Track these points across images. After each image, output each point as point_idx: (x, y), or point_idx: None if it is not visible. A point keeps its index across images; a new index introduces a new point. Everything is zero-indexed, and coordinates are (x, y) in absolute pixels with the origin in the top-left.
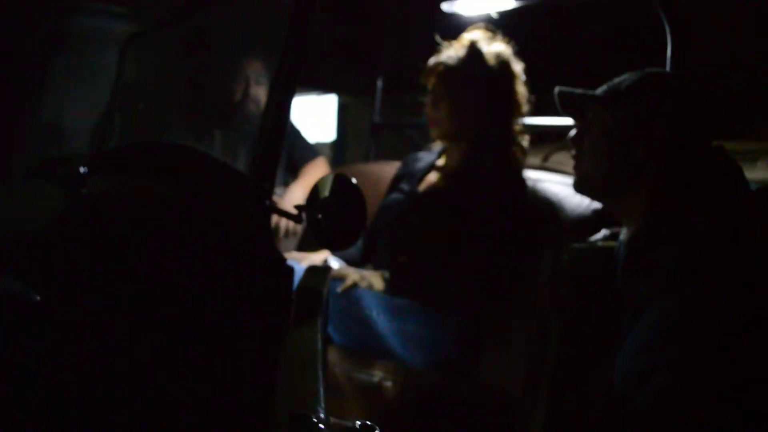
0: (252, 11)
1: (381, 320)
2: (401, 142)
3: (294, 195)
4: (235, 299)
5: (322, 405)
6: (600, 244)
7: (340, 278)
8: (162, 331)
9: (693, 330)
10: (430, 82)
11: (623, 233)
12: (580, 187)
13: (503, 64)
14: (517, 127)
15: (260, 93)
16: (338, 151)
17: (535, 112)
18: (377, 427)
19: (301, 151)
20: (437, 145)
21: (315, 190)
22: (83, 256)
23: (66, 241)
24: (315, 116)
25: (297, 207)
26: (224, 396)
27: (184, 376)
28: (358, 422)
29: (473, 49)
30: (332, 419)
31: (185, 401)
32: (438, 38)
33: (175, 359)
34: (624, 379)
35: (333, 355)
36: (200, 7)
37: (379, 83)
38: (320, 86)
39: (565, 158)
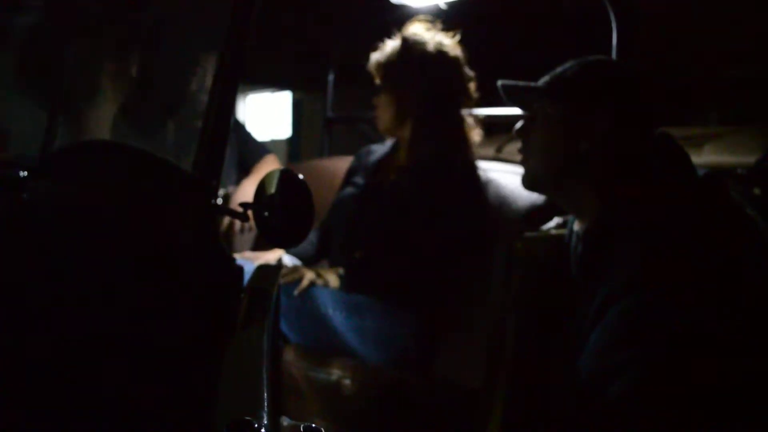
0: (199, 4)
1: (337, 317)
2: (355, 136)
3: (246, 192)
4: (177, 300)
5: (266, 409)
6: (553, 232)
7: (297, 279)
8: (101, 335)
9: (659, 325)
10: (375, 79)
11: (575, 224)
12: (528, 183)
13: (440, 53)
14: (465, 116)
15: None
16: (294, 148)
17: (487, 103)
18: (322, 429)
19: (252, 151)
20: (391, 138)
21: (261, 187)
22: (22, 263)
23: (4, 248)
24: (270, 114)
25: (242, 204)
26: (162, 401)
27: (121, 380)
28: (303, 425)
29: (404, 42)
30: (284, 420)
31: (121, 406)
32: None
33: (113, 363)
34: (592, 375)
35: (289, 355)
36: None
37: (331, 77)
38: (274, 83)
39: (518, 148)
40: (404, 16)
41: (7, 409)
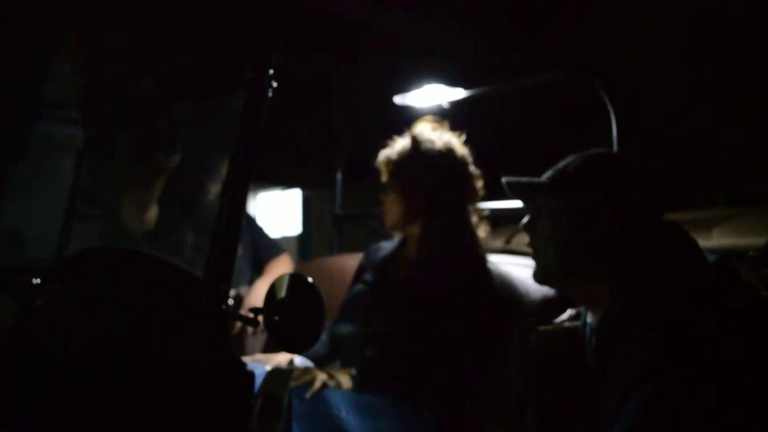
0: (208, 114)
1: (351, 420)
2: (365, 232)
3: (258, 293)
4: (189, 408)
5: None
6: (566, 324)
7: (309, 381)
8: None
9: (680, 413)
10: (382, 176)
11: (588, 316)
12: (540, 277)
13: (448, 151)
14: (473, 212)
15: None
16: (304, 244)
17: (493, 196)
18: None
19: (265, 249)
20: (399, 234)
21: (271, 291)
22: (33, 371)
23: (16, 355)
24: (280, 211)
25: (253, 310)
26: None
27: None
28: None
29: (414, 141)
30: None
31: None
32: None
33: None
34: None
35: None
36: (156, 111)
37: (339, 176)
38: (283, 182)
39: (527, 239)
40: (408, 115)
41: None
